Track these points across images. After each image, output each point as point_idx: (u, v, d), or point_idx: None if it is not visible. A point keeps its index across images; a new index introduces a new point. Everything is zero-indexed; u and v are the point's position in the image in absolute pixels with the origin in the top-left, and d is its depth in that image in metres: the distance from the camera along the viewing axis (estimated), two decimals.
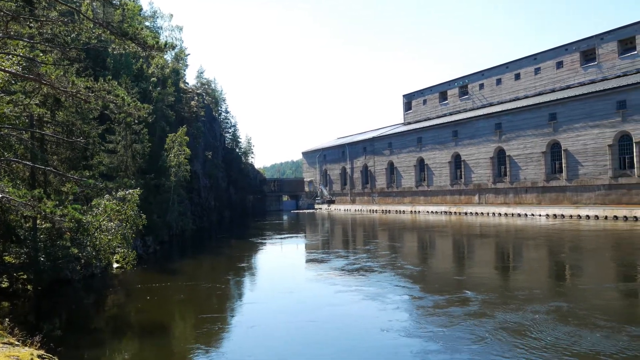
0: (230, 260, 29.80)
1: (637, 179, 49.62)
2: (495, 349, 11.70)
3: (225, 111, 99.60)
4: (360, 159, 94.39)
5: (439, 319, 14.68)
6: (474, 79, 76.61)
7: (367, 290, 18.96)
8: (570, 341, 11.93)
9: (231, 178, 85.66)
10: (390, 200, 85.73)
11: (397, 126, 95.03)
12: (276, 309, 17.11)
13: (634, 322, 13.41)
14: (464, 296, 17.40)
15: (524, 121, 61.58)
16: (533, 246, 31.80)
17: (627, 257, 25.73)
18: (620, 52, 57.20)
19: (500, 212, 58.48)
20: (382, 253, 30.49)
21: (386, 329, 13.77)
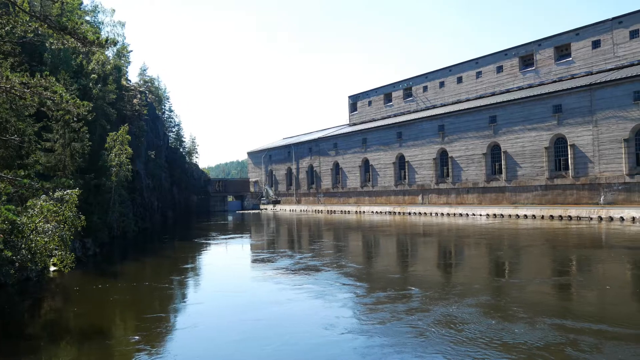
0: (173, 262, 29.27)
1: (571, 180, 51.64)
2: (434, 342, 12.07)
3: (169, 110, 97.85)
4: (306, 159, 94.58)
5: (381, 314, 14.91)
6: (418, 82, 78.01)
7: (312, 288, 18.99)
8: (497, 333, 12.49)
9: (175, 178, 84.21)
10: (335, 200, 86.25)
11: (342, 127, 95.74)
12: (220, 308, 16.93)
13: (557, 314, 14.07)
14: (406, 292, 17.69)
15: (466, 123, 63.12)
16: (473, 244, 32.63)
17: (559, 254, 26.75)
18: (556, 58, 59.42)
19: (443, 212, 59.72)
20: (327, 252, 30.58)
21: (330, 326, 13.84)
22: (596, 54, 55.27)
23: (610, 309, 15.19)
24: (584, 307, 15.70)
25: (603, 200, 48.82)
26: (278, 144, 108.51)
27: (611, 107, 48.62)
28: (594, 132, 49.93)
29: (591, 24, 55.94)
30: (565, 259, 25.63)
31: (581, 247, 29.37)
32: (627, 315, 14.28)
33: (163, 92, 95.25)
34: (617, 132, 48.17)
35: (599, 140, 49.58)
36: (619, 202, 47.51)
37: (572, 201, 51.33)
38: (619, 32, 53.26)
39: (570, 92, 52.04)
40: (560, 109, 52.87)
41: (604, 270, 21.75)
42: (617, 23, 53.46)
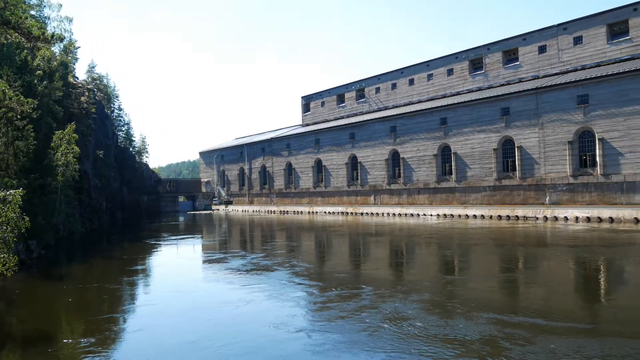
0: (122, 263, 28.57)
1: (518, 180, 53.07)
2: (382, 338, 12.28)
3: (118, 108, 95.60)
4: (259, 159, 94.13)
5: (332, 312, 15.00)
6: (371, 83, 78.73)
7: (264, 288, 18.87)
8: (440, 328, 12.90)
9: (124, 178, 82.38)
10: (288, 200, 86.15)
11: (295, 127, 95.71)
12: (172, 309, 16.61)
13: (497, 310, 14.57)
14: (357, 291, 17.80)
15: (417, 125, 64.04)
16: (424, 244, 33.10)
17: (505, 252, 27.41)
18: (504, 62, 60.96)
19: (395, 212, 60.42)
20: (280, 252, 30.47)
21: (282, 325, 13.80)
22: (542, 59, 56.97)
23: (549, 304, 15.73)
24: (524, 303, 16.25)
25: (548, 201, 50.35)
26: (230, 144, 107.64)
27: (556, 110, 50.20)
28: (540, 134, 51.45)
29: (537, 29, 57.65)
30: (511, 257, 26.31)
31: (527, 246, 30.16)
32: (563, 310, 14.88)
33: (112, 90, 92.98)
34: (561, 134, 49.76)
35: (544, 142, 51.11)
36: (563, 202, 49.09)
37: (519, 201, 52.75)
38: (563, 38, 55.06)
39: (518, 96, 53.48)
40: (508, 112, 54.26)
41: (547, 268, 22.39)
42: (562, 29, 55.25)
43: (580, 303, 16.18)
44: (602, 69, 49.97)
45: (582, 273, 21.30)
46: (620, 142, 45.70)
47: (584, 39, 53.50)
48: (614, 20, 51.39)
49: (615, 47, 51.20)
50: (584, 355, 10.51)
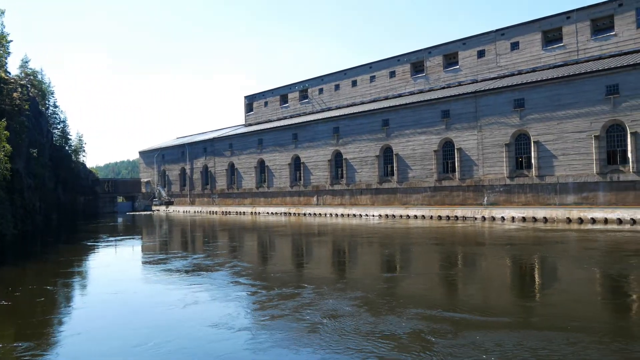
0: (58, 265, 27.45)
1: (457, 182, 54.23)
2: (320, 335, 12.41)
3: (53, 105, 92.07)
4: (201, 159, 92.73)
5: (274, 311, 14.93)
6: (314, 84, 78.87)
7: (205, 288, 18.54)
8: (374, 324, 13.17)
9: (60, 178, 79.45)
10: (230, 201, 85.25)
11: (238, 127, 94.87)
12: (110, 312, 16.04)
13: (430, 306, 14.90)
14: (298, 290, 17.72)
15: (360, 126, 64.53)
16: (366, 243, 33.33)
17: (444, 251, 27.94)
18: (445, 65, 62.23)
19: (337, 212, 60.65)
20: (222, 253, 30.06)
21: (223, 324, 13.61)
22: (481, 63, 58.48)
23: (480, 300, 16.22)
24: (456, 299, 16.68)
25: (486, 201, 51.68)
26: (172, 144, 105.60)
27: (494, 113, 51.59)
28: (478, 136, 52.75)
29: (476, 34, 59.13)
30: (449, 255, 26.85)
31: (465, 245, 30.83)
32: (493, 305, 15.43)
33: (47, 87, 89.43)
34: (499, 137, 51.17)
35: (483, 144, 52.43)
36: (500, 203, 50.48)
37: (458, 202, 53.91)
38: (501, 43, 56.68)
39: (458, 99, 54.67)
40: (448, 114, 55.39)
41: (482, 266, 22.94)
42: (500, 35, 56.87)
43: (510, 299, 16.64)
44: (537, 74, 51.71)
45: (516, 270, 21.92)
46: (554, 145, 47.37)
47: (520, 44, 55.24)
48: (549, 27, 53.29)
49: (549, 53, 53.10)
50: (504, 347, 10.95)
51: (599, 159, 44.70)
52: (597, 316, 13.65)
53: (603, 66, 45.36)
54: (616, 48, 48.79)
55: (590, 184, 45.10)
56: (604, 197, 44.23)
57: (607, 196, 44.11)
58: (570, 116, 46.36)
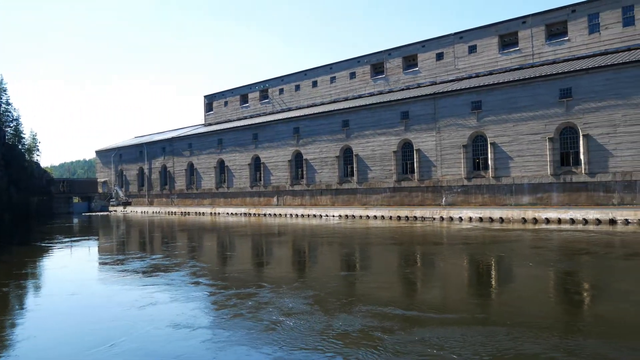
0: (9, 267, 26.58)
1: (416, 182, 54.84)
2: (277, 333, 12.47)
3: (6, 103, 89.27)
4: (159, 159, 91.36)
5: (231, 310, 14.85)
6: (275, 84, 78.67)
7: (163, 289, 18.23)
8: (328, 322, 13.30)
9: (12, 177, 77.13)
10: (189, 201, 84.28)
11: (197, 127, 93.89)
12: (65, 313, 15.59)
13: (382, 303, 15.08)
14: (257, 290, 17.62)
15: (320, 127, 64.63)
16: (326, 243, 33.37)
17: (402, 251, 28.19)
18: (404, 67, 62.90)
19: (298, 213, 60.58)
20: (180, 253, 29.67)
21: (181, 324, 13.45)
22: (440, 66, 59.32)
23: (434, 298, 16.57)
24: (410, 297, 16.95)
25: (444, 202, 52.41)
26: (129, 143, 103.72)
27: (452, 115, 52.37)
28: (437, 138, 53.46)
29: (435, 37, 59.95)
30: (407, 254, 27.17)
31: (423, 244, 31.18)
32: (445, 302, 15.81)
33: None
34: (457, 138, 51.96)
35: (441, 145, 53.16)
36: (458, 204, 51.27)
37: (417, 202, 54.51)
38: (459, 46, 57.61)
39: (417, 100, 55.29)
40: (407, 116, 55.96)
41: (439, 264, 23.19)
42: (458, 38, 57.79)
43: (462, 296, 16.88)
44: (494, 77, 52.76)
45: (470, 269, 22.25)
46: (509, 147, 48.37)
47: (478, 48, 56.25)
48: (505, 31, 54.44)
49: (506, 57, 54.23)
50: (449, 342, 11.26)
51: (552, 161, 45.86)
52: (543, 312, 13.98)
53: (557, 70, 46.58)
54: (569, 53, 50.16)
55: (545, 185, 46.23)
56: (558, 198, 45.40)
57: (560, 197, 45.29)
58: (526, 118, 47.43)
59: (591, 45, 48.95)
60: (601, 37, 48.35)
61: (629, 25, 46.84)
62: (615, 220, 37.63)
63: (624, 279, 18.63)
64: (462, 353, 10.54)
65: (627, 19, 46.98)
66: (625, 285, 17.33)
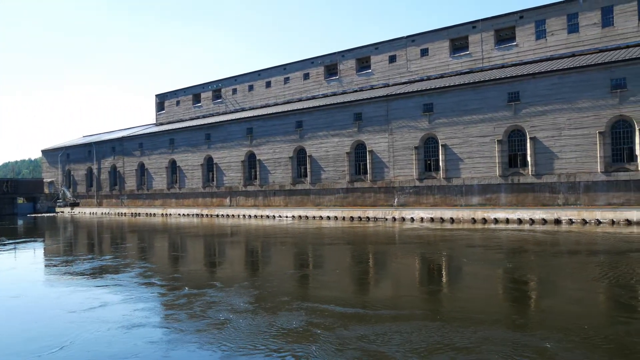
0: None
1: (369, 183, 55.32)
2: (224, 332, 12.55)
3: None
4: (109, 159, 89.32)
5: (180, 310, 14.74)
6: (228, 84, 78.05)
7: (112, 290, 17.83)
8: (274, 320, 13.47)
9: None
10: (140, 202, 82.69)
11: (149, 126, 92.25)
12: (9, 316, 15.07)
13: (325, 301, 15.37)
14: (206, 289, 17.50)
15: (274, 127, 64.47)
16: (279, 243, 33.29)
17: (354, 250, 28.37)
18: (358, 69, 63.37)
19: (251, 213, 60.23)
20: (130, 254, 29.11)
21: (129, 325, 13.23)
22: (392, 68, 60.01)
23: (375, 295, 16.98)
24: (355, 294, 17.16)
25: (397, 202, 53.04)
26: (78, 142, 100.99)
27: (404, 117, 53.07)
28: (389, 139, 54.06)
29: (388, 40, 60.63)
30: (357, 254, 27.37)
31: (373, 244, 31.48)
32: (387, 300, 16.12)
33: None
34: (409, 140, 52.68)
35: (393, 147, 53.79)
36: (410, 204, 51.96)
37: (370, 203, 55.00)
38: (412, 49, 58.43)
39: (370, 102, 55.79)
40: (360, 117, 56.41)
41: (389, 263, 23.53)
42: (410, 41, 58.60)
43: (407, 293, 17.24)
44: (445, 80, 53.73)
45: (417, 268, 22.59)
46: (460, 149, 49.34)
47: (429, 51, 57.17)
48: (456, 35, 55.52)
49: (457, 61, 55.30)
50: (385, 337, 11.60)
51: (501, 162, 47.02)
52: (485, 308, 14.42)
53: (505, 74, 47.80)
54: (517, 58, 51.54)
55: (493, 186, 47.35)
56: (506, 199, 46.57)
57: (508, 197, 46.47)
58: (476, 121, 48.48)
59: (538, 50, 50.44)
60: (547, 43, 49.88)
61: (573, 32, 48.47)
62: (560, 220, 38.86)
63: (566, 275, 19.23)
64: (399, 348, 10.88)
65: (571, 26, 48.61)
66: (567, 282, 17.89)
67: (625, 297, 15.50)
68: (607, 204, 41.71)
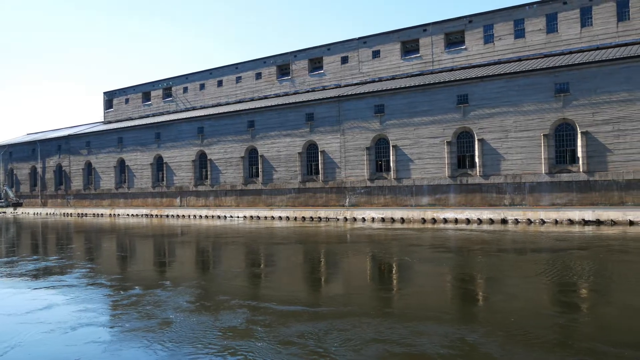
0: None
1: (321, 183, 55.47)
2: (171, 330, 12.48)
3: None
4: (54, 158, 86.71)
5: (126, 310, 14.50)
6: (179, 82, 76.91)
7: (56, 292, 17.26)
8: (219, 318, 13.51)
9: None
10: (87, 202, 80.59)
11: (97, 124, 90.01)
12: None
13: (271, 300, 15.46)
14: (155, 289, 17.16)
15: (225, 127, 63.90)
16: (230, 243, 33.00)
17: (305, 250, 28.39)
18: (310, 69, 63.46)
19: (202, 214, 59.51)
20: (76, 255, 28.30)
21: (73, 326, 12.84)
22: (344, 69, 60.36)
23: (322, 294, 17.09)
24: (298, 293, 17.14)
25: (348, 203, 53.36)
26: (21, 140, 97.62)
27: (356, 118, 53.46)
28: (341, 140, 54.35)
29: (341, 41, 60.96)
30: (305, 254, 27.41)
31: (327, 244, 31.56)
32: (332, 297, 16.28)
33: None
34: (360, 140, 53.08)
35: (345, 147, 54.10)
36: (361, 204, 52.36)
37: (322, 203, 55.14)
38: (364, 51, 58.90)
39: (322, 103, 55.96)
40: (312, 118, 56.51)
41: (340, 263, 23.61)
42: (362, 43, 59.06)
43: (354, 291, 17.35)
44: (397, 81, 54.38)
45: (368, 267, 22.74)
46: (410, 150, 50.02)
47: (381, 53, 57.76)
48: (407, 38, 56.26)
49: (408, 63, 56.05)
50: (325, 335, 11.73)
51: (450, 163, 47.90)
52: (421, 304, 14.74)
53: (455, 77, 48.74)
54: (466, 61, 52.62)
55: (443, 187, 48.20)
56: (455, 199, 47.47)
57: (457, 198, 47.39)
58: (426, 123, 49.25)
59: (486, 54, 51.62)
60: (495, 48, 51.11)
61: (519, 37, 49.82)
62: (506, 220, 39.86)
63: (508, 273, 19.70)
64: (335, 343, 11.06)
65: (518, 32, 49.96)
66: (507, 279, 18.35)
67: (559, 292, 16.08)
68: (551, 204, 43.05)
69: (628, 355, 9.79)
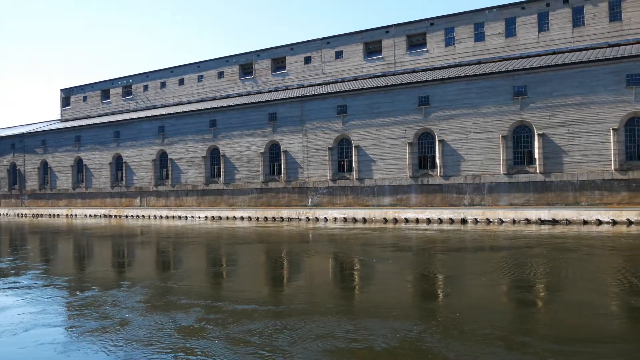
0: None
1: (283, 184, 55.31)
2: (125, 330, 12.44)
3: None
4: (8, 156, 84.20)
5: (82, 311, 14.29)
6: (139, 80, 75.62)
7: (8, 293, 16.79)
8: (166, 319, 13.47)
9: None
10: (43, 203, 78.50)
11: (53, 122, 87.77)
12: None
13: (222, 299, 15.78)
14: (111, 291, 16.89)
15: (187, 126, 63.15)
16: (191, 244, 32.66)
17: (266, 250, 28.28)
18: (273, 69, 63.21)
19: (162, 214, 58.66)
20: (30, 256, 27.60)
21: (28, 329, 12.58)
22: (307, 69, 60.33)
23: (278, 293, 17.24)
24: (256, 292, 17.09)
25: (311, 203, 53.34)
26: None
27: (319, 118, 53.49)
28: (304, 140, 54.30)
29: (304, 41, 60.90)
30: (268, 252, 27.40)
31: (287, 243, 31.53)
32: (287, 296, 16.54)
33: None
34: (323, 141, 53.13)
35: (308, 148, 54.07)
36: (323, 204, 52.41)
37: (284, 203, 54.98)
38: (327, 51, 58.98)
39: (284, 102, 55.81)
40: (275, 117, 56.31)
41: (301, 263, 23.61)
42: (325, 43, 59.14)
43: (310, 290, 17.45)
44: (359, 82, 54.63)
45: (327, 266, 22.79)
46: (372, 150, 50.31)
47: (344, 53, 57.94)
48: (370, 39, 56.58)
49: (370, 64, 56.36)
50: (273, 332, 11.88)
51: (411, 164, 48.36)
52: (375, 301, 14.99)
53: (416, 79, 49.25)
54: (428, 63, 53.21)
55: (404, 187, 48.62)
56: (416, 199, 47.94)
57: (418, 198, 47.86)
58: (388, 123, 49.61)
59: (447, 57, 52.30)
60: (456, 50, 51.82)
61: (479, 40, 50.65)
62: (466, 220, 40.46)
63: (465, 271, 20.00)
64: (283, 340, 11.21)
65: (478, 35, 50.78)
66: (463, 277, 18.63)
67: (510, 289, 16.50)
68: (509, 204, 43.87)
69: (556, 350, 10.12)
